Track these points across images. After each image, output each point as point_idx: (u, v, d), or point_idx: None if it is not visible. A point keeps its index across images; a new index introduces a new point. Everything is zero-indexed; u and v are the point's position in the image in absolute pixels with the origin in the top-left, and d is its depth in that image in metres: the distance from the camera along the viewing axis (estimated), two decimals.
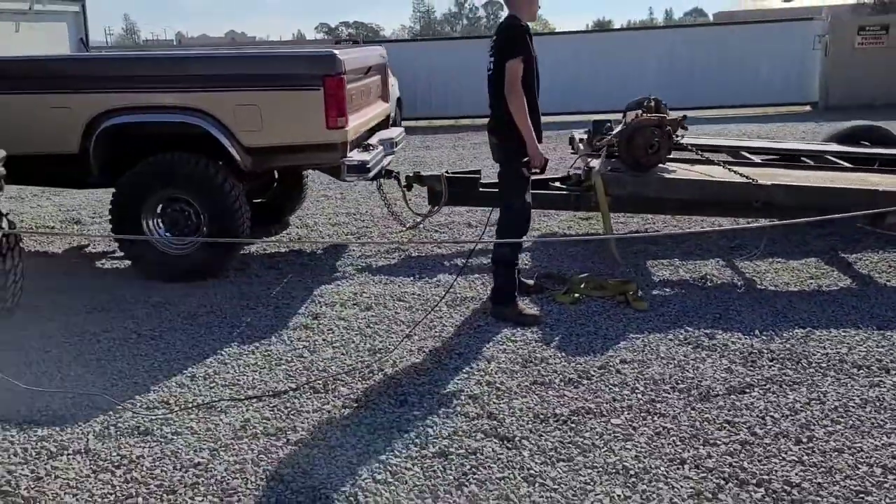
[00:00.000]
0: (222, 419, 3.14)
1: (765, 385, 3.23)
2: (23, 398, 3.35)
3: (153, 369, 3.66)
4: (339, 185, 8.36)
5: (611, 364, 3.51)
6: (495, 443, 2.86)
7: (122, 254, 5.71)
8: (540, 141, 4.14)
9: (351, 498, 2.55)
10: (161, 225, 4.98)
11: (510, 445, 2.84)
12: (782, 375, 3.32)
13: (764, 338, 3.75)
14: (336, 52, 4.69)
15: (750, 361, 3.48)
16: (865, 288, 4.44)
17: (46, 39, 5.86)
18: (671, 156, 5.14)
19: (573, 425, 2.97)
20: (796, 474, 2.56)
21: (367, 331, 4.08)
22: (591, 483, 2.57)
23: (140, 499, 2.58)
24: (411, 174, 5.80)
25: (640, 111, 5.21)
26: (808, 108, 15.83)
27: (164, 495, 2.61)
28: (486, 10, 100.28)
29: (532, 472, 2.66)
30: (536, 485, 2.58)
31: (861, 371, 3.33)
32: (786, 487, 2.49)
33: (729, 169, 4.79)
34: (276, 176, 6.35)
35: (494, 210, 4.62)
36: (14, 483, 2.69)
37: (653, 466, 2.65)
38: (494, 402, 3.19)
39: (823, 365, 3.41)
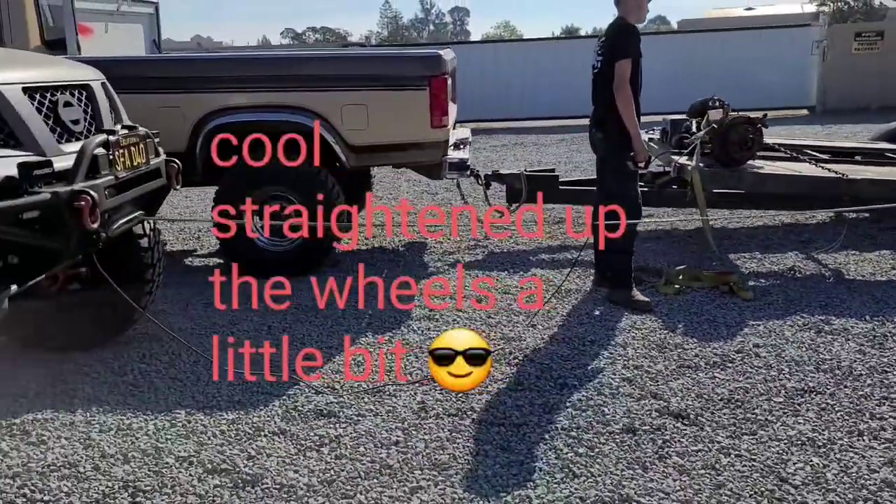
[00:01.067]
0: (397, 402, 3.27)
1: None
2: (188, 385, 3.47)
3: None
4: (382, 185, 8.51)
5: (746, 348, 3.70)
6: (673, 420, 3.04)
7: (206, 251, 5.83)
8: None
9: (565, 469, 2.70)
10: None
11: (688, 422, 3.02)
12: None
13: (877, 322, 3.97)
14: (441, 53, 4.85)
15: (878, 344, 3.70)
16: None
17: (127, 40, 5.94)
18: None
19: (739, 403, 3.16)
20: None
21: (489, 321, 4.23)
22: (786, 453, 2.75)
23: (361, 473, 2.72)
24: (490, 173, 5.98)
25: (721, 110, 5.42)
26: (805, 111, 16.32)
27: (383, 469, 2.74)
28: (452, 15, 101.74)
29: (723, 444, 2.84)
30: (733, 455, 2.76)
31: None
32: None
33: (818, 165, 5.04)
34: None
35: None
36: (231, 462, 2.80)
37: (835, 438, 2.84)
38: (651, 384, 3.36)
39: None
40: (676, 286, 4.66)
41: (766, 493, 2.51)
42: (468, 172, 5.20)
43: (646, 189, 5.60)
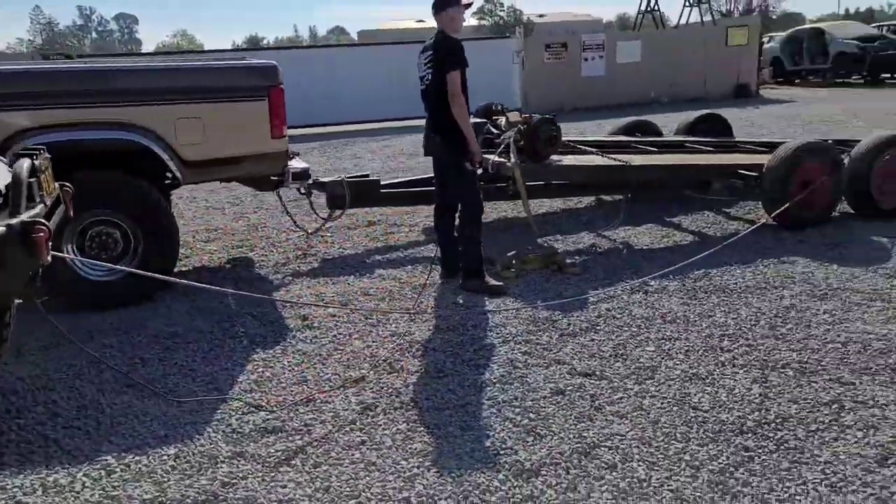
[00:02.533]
0: (336, 407, 3.32)
1: (721, 308, 4.32)
2: (91, 431, 3.15)
3: (202, 383, 3.61)
4: None
5: (603, 314, 4.33)
6: (584, 378, 3.51)
7: None
8: None
9: (531, 433, 3.01)
10: (78, 251, 4.63)
11: (597, 377, 3.51)
12: (723, 302, 4.44)
13: (679, 280, 4.86)
14: (276, 63, 4.84)
15: (693, 296, 4.56)
16: (705, 240, 5.84)
17: None
18: None
19: (624, 357, 3.73)
20: (804, 355, 3.64)
21: (369, 321, 4.38)
22: (684, 388, 3.36)
23: (351, 474, 2.76)
24: (311, 181, 6.01)
25: (517, 112, 6.11)
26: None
27: (369, 467, 2.81)
28: (118, 23, 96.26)
29: (636, 390, 3.36)
30: (648, 397, 3.29)
31: (764, 290, 4.59)
32: (802, 366, 3.55)
33: (604, 155, 5.94)
34: None
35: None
36: (208, 492, 2.66)
37: (710, 371, 3.53)
38: (549, 353, 3.81)
39: (739, 289, 4.61)
40: (513, 270, 5.20)
41: (692, 419, 3.08)
42: (309, 180, 5.24)
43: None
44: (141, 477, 2.79)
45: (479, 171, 4.97)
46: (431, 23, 5.01)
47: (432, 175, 6.45)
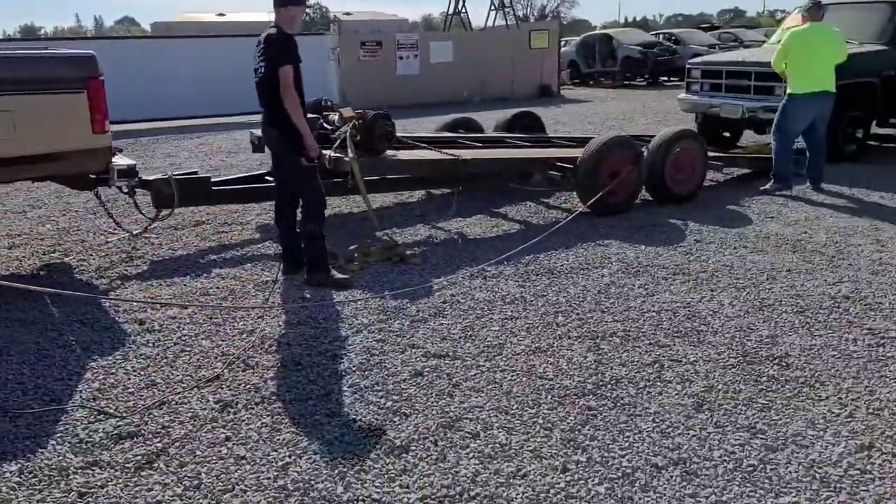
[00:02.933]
0: (194, 408, 3.23)
1: (552, 288, 4.69)
2: None
3: (34, 396, 3.35)
4: None
5: (448, 299, 4.53)
6: (439, 359, 3.67)
7: None
8: None
9: (397, 414, 3.12)
10: None
11: (451, 357, 3.69)
12: (553, 283, 4.82)
13: (512, 266, 5.19)
14: (94, 53, 4.55)
15: (526, 279, 4.90)
16: (530, 228, 6.27)
17: None
18: None
19: (473, 338, 3.95)
20: (627, 325, 4.06)
21: (214, 320, 4.27)
22: (529, 360, 3.64)
23: (221, 470, 2.72)
24: (136, 180, 5.69)
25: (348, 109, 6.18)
26: None
27: (239, 461, 2.78)
28: None
29: (487, 367, 3.58)
30: (499, 371, 3.53)
31: (587, 270, 5.04)
32: (626, 334, 3.96)
33: (438, 150, 6.16)
34: None
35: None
36: (69, 502, 2.52)
37: (550, 343, 3.85)
38: (402, 339, 3.95)
39: (566, 271, 5.02)
40: (356, 263, 5.29)
41: (540, 387, 3.35)
42: (136, 179, 4.96)
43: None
44: None
45: (317, 166, 4.98)
46: (233, 17, 4.95)
47: (265, 172, 6.41)
